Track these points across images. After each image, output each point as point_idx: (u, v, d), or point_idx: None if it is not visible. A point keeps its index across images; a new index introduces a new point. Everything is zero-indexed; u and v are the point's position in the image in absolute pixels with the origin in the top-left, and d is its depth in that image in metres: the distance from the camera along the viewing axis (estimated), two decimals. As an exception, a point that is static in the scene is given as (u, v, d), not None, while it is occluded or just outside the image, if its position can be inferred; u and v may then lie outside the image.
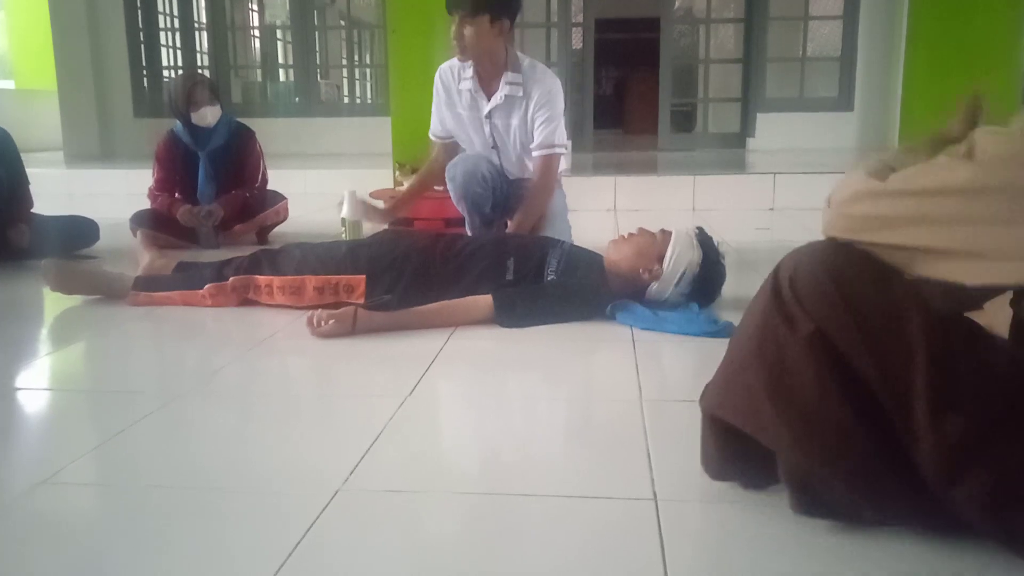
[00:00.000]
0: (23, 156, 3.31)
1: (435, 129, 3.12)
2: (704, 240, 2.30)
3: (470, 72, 2.93)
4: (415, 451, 1.40)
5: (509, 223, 2.92)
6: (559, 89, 2.94)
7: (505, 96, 2.90)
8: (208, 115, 3.51)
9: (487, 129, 3.00)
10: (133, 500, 1.23)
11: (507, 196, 3.06)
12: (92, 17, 7.27)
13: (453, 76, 2.98)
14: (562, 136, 2.97)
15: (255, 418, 1.61)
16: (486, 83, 2.94)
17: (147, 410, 1.58)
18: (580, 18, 7.27)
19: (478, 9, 2.73)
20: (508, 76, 2.89)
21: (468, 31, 2.76)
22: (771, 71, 7.12)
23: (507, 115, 2.95)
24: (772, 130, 6.97)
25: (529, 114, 2.91)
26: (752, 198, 4.66)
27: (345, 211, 3.22)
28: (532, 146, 2.95)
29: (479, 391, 1.82)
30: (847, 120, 6.95)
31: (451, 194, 2.99)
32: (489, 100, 2.94)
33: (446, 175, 2.98)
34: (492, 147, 3.03)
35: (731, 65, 7.64)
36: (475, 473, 1.33)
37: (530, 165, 3.02)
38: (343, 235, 3.17)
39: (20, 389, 1.81)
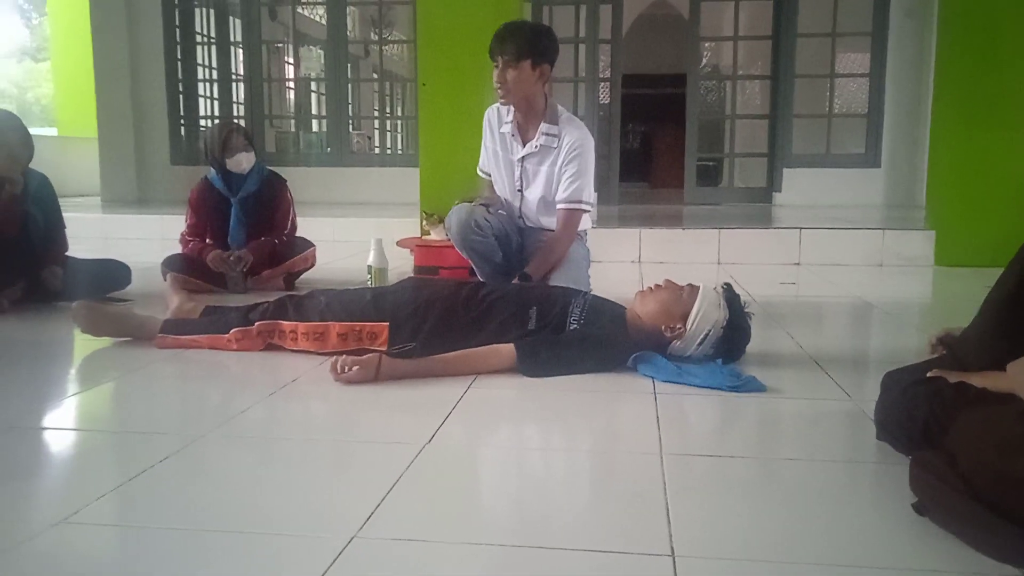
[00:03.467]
0: (60, 200, 3.40)
1: (481, 164, 3.27)
2: (731, 299, 2.27)
3: (511, 117, 3.07)
4: (432, 500, 1.40)
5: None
6: (591, 145, 3.02)
7: (540, 146, 3.01)
8: (243, 161, 3.59)
9: (517, 172, 3.09)
10: (149, 541, 1.23)
11: (522, 245, 3.10)
12: (134, 68, 7.53)
13: (498, 118, 3.14)
14: (590, 195, 3.02)
15: (274, 461, 1.61)
16: (523, 129, 3.07)
17: (168, 451, 1.59)
18: (608, 73, 7.39)
19: (521, 55, 2.88)
20: (544, 127, 3.00)
21: (511, 75, 2.90)
22: (798, 127, 7.16)
23: (538, 163, 3.05)
24: (798, 185, 6.98)
25: (558, 164, 2.98)
26: (778, 253, 4.65)
27: (371, 258, 3.27)
28: (557, 199, 3.00)
29: (498, 440, 1.81)
30: (874, 177, 6.95)
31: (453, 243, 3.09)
32: (524, 146, 3.05)
33: (444, 224, 3.08)
34: (518, 190, 3.11)
35: (757, 121, 7.69)
36: (491, 524, 1.32)
37: (544, 220, 3.07)
38: (369, 282, 3.22)
39: (45, 428, 1.84)
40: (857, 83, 7.36)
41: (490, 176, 3.24)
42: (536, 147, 3.02)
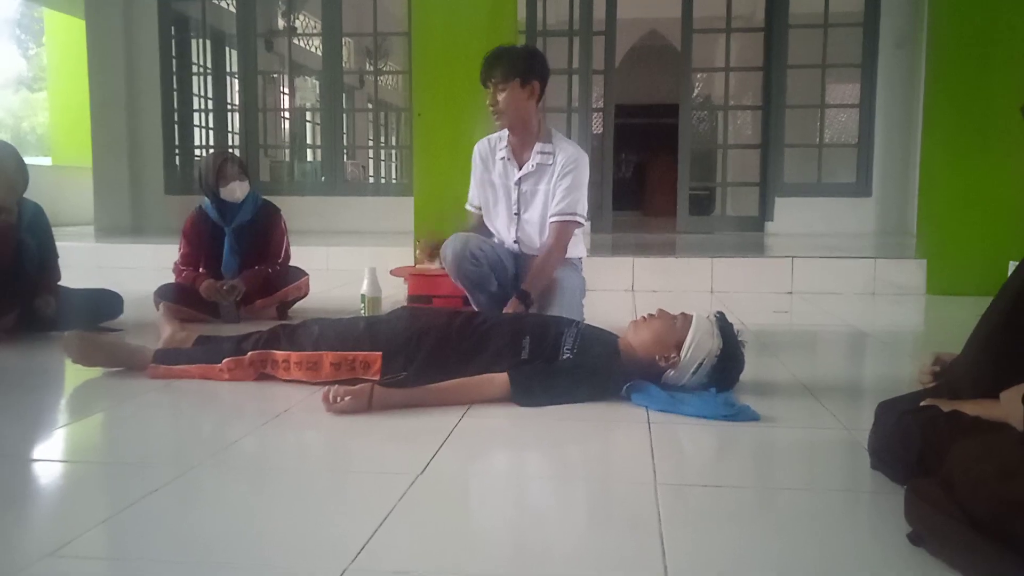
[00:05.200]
0: (54, 230, 3.40)
1: (471, 198, 3.29)
2: (724, 327, 2.27)
3: (505, 143, 3.11)
4: (425, 531, 1.38)
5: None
6: (586, 162, 3.06)
7: (536, 164, 3.05)
8: (236, 190, 3.60)
9: (514, 196, 3.12)
10: (140, 574, 1.22)
11: (516, 274, 3.10)
12: (130, 97, 7.58)
13: (490, 148, 3.18)
14: (583, 208, 3.05)
15: (267, 492, 1.60)
16: (519, 153, 3.11)
17: (160, 482, 1.58)
18: (601, 103, 7.46)
19: (508, 75, 2.94)
20: (539, 146, 3.05)
21: (502, 96, 2.96)
22: (789, 156, 7.23)
23: (535, 183, 3.08)
24: (790, 214, 7.04)
25: (553, 181, 3.00)
26: (770, 281, 4.67)
27: (365, 287, 3.26)
28: (550, 213, 3.02)
29: (491, 470, 1.80)
30: (865, 206, 7.01)
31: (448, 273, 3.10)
32: (520, 168, 3.08)
33: (440, 254, 3.10)
34: (515, 213, 3.12)
35: (749, 150, 7.76)
36: (485, 554, 1.31)
37: (542, 242, 3.08)
38: (363, 311, 3.21)
39: (35, 460, 1.82)
40: (847, 113, 7.46)
41: (479, 210, 3.25)
42: (532, 167, 3.06)
